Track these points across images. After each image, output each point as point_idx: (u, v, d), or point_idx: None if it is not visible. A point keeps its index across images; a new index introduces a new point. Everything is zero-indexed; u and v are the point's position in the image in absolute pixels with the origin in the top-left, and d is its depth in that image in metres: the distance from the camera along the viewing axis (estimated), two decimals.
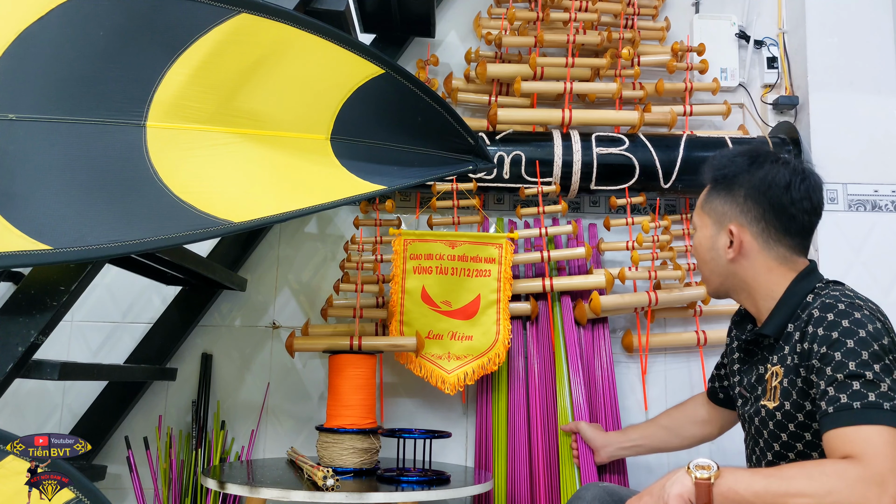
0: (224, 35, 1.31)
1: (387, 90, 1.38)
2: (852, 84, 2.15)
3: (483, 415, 1.97)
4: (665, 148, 2.05)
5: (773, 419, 1.19)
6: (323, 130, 1.40)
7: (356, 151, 1.41)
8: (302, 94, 1.37)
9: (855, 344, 1.07)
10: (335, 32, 1.34)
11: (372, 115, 1.40)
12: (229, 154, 1.34)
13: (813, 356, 1.11)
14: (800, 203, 1.25)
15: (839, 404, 1.03)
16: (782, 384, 1.17)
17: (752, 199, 1.27)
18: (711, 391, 1.59)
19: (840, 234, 2.06)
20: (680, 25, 2.31)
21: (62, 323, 1.79)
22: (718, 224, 1.31)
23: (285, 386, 2.09)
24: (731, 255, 1.29)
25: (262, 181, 1.34)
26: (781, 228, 1.26)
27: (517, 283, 1.98)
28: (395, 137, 1.42)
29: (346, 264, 1.98)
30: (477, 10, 2.29)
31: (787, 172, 1.26)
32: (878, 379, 1.02)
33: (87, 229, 1.22)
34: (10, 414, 2.06)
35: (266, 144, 1.36)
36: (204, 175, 1.31)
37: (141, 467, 1.97)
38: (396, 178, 1.40)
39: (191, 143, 1.32)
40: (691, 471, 1.01)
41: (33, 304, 1.35)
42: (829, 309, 1.13)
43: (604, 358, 2.00)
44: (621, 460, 1.87)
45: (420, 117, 1.41)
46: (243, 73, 1.34)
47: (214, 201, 1.28)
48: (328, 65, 1.36)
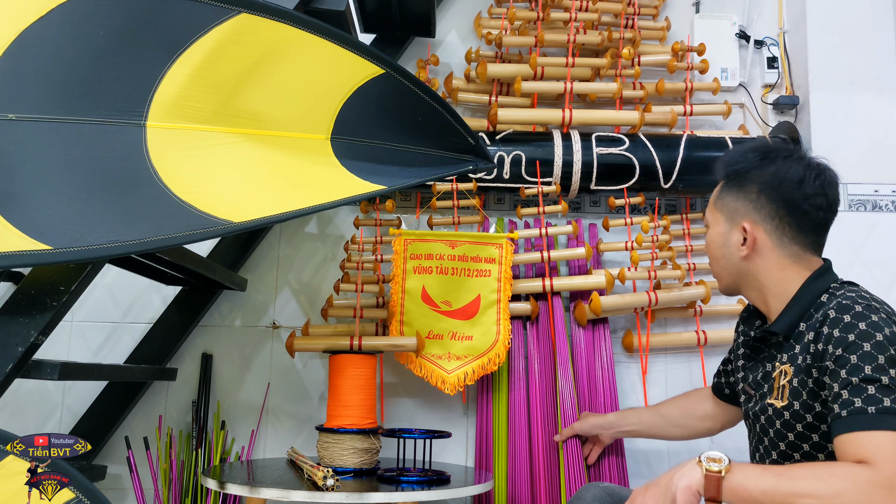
0: (224, 35, 1.31)
1: (387, 90, 1.38)
2: (853, 84, 2.14)
3: (483, 415, 1.97)
4: (665, 148, 2.05)
5: (781, 418, 1.18)
6: (323, 130, 1.40)
7: (356, 151, 1.40)
8: (302, 94, 1.37)
9: (871, 348, 1.05)
10: (335, 32, 1.34)
11: (372, 115, 1.40)
12: (229, 154, 1.33)
13: (827, 358, 1.10)
14: (813, 199, 1.23)
15: (853, 408, 1.01)
16: (791, 384, 1.15)
17: (766, 195, 1.25)
18: (717, 386, 1.58)
19: (840, 233, 2.06)
20: (680, 25, 2.31)
21: (62, 323, 1.79)
22: (731, 221, 1.29)
23: (285, 386, 2.09)
24: (744, 253, 1.26)
25: (262, 181, 1.33)
26: (795, 225, 1.24)
27: (517, 283, 1.98)
28: (395, 137, 1.42)
29: (347, 264, 1.98)
30: (477, 10, 2.29)
31: (801, 168, 1.24)
32: (893, 384, 1.01)
33: (88, 229, 1.21)
34: (10, 414, 2.06)
35: (266, 144, 1.36)
36: (204, 175, 1.30)
37: (141, 467, 1.97)
38: (396, 178, 1.40)
39: (191, 142, 1.32)
40: (702, 463, 1.00)
41: (33, 304, 1.34)
42: (845, 310, 1.12)
43: (604, 358, 1.99)
44: (622, 462, 1.87)
45: (420, 117, 1.41)
46: (243, 73, 1.34)
47: (214, 201, 1.27)
48: (328, 65, 1.35)
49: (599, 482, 1.61)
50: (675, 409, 1.66)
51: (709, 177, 1.34)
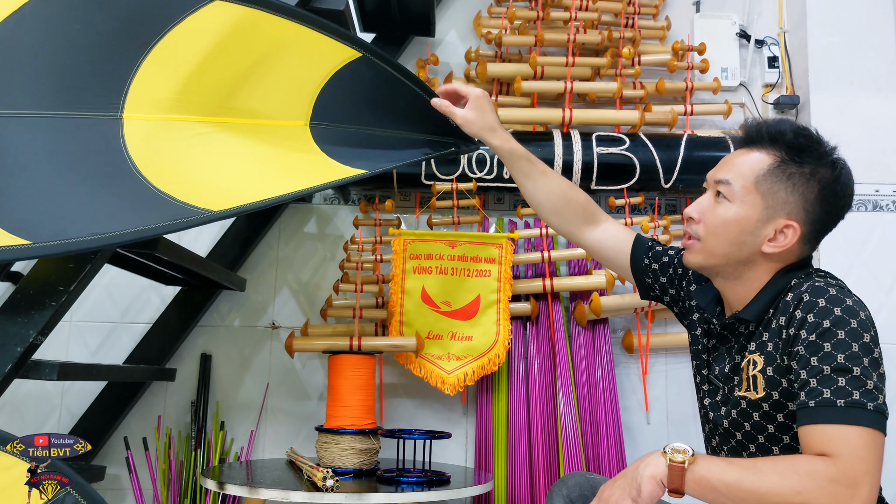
0: (197, 24, 1.30)
1: (365, 74, 1.35)
2: (853, 84, 2.14)
3: (483, 415, 1.96)
4: (666, 147, 2.05)
5: (759, 410, 1.11)
6: (301, 117, 1.38)
7: (336, 136, 1.38)
8: (278, 80, 1.35)
9: (846, 335, 1.01)
10: (310, 17, 1.32)
11: (351, 100, 1.38)
12: (207, 143, 1.32)
13: (798, 342, 1.04)
14: (846, 210, 1.15)
15: (821, 399, 0.98)
16: (766, 373, 1.09)
17: (823, 200, 1.12)
18: (645, 247, 1.37)
19: (841, 234, 2.03)
20: (681, 25, 2.31)
21: (61, 323, 1.77)
22: (771, 211, 1.12)
23: (285, 386, 2.09)
24: (769, 250, 1.13)
25: (241, 170, 1.32)
26: (822, 234, 1.15)
27: (517, 283, 1.98)
28: (375, 121, 1.40)
29: (346, 264, 1.98)
30: (477, 10, 2.29)
31: (850, 177, 1.14)
32: (865, 375, 0.98)
33: (68, 223, 1.21)
34: (9, 414, 2.05)
35: (244, 133, 1.35)
36: (182, 165, 1.30)
37: (140, 468, 1.97)
38: (378, 162, 1.37)
39: (168, 133, 1.31)
40: (667, 453, 0.99)
41: (32, 305, 1.34)
42: (820, 293, 1.06)
43: (604, 358, 1.99)
44: (622, 462, 1.87)
45: (401, 101, 1.38)
46: (219, 62, 1.32)
47: (193, 191, 1.27)
48: (305, 50, 1.33)
49: (586, 472, 1.58)
50: (569, 189, 1.41)
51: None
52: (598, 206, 1.43)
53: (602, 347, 2.00)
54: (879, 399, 0.97)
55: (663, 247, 1.37)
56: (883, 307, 1.99)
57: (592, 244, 1.40)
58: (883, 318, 1.95)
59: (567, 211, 1.40)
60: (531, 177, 1.40)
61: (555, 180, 1.40)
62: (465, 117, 1.36)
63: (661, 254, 1.36)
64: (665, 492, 0.98)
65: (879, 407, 0.96)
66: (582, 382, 1.95)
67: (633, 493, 0.99)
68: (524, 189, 1.41)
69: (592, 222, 1.40)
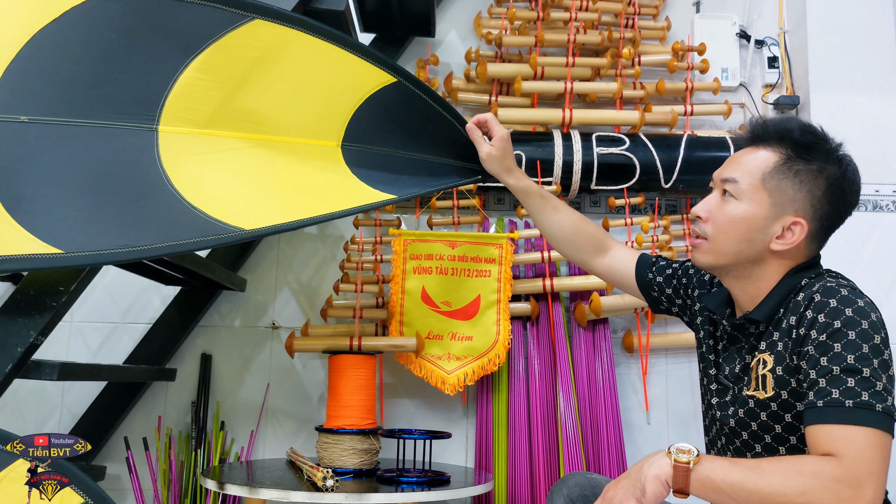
0: (237, 40, 1.31)
1: (399, 98, 1.39)
2: (853, 84, 2.14)
3: (483, 415, 1.96)
4: (666, 148, 2.05)
5: (766, 410, 1.11)
6: (334, 137, 1.40)
7: (366, 159, 1.41)
8: (314, 100, 1.37)
9: (856, 336, 1.01)
10: (348, 40, 1.34)
11: (383, 123, 1.40)
12: (240, 159, 1.33)
13: (808, 342, 1.05)
14: (852, 208, 1.16)
15: (830, 399, 0.98)
16: (775, 372, 1.10)
17: (830, 196, 1.12)
18: (648, 263, 1.41)
19: (841, 233, 2.02)
20: (681, 25, 2.31)
21: (61, 323, 1.78)
22: (779, 208, 1.12)
23: (285, 386, 2.09)
24: (777, 248, 1.13)
25: (273, 188, 1.32)
26: (830, 231, 1.16)
27: (517, 283, 1.98)
28: (405, 145, 1.43)
29: (346, 264, 1.98)
30: (477, 10, 2.29)
31: (857, 173, 1.14)
32: (874, 376, 0.98)
33: (99, 233, 1.19)
34: (10, 414, 2.05)
35: (277, 150, 1.36)
36: (215, 181, 1.29)
37: (140, 468, 1.97)
38: (406, 188, 1.40)
39: (202, 147, 1.31)
40: (671, 454, 0.99)
41: (32, 305, 1.34)
42: (831, 294, 1.06)
43: (604, 358, 1.99)
44: (622, 462, 1.87)
45: (431, 126, 1.42)
46: (256, 79, 1.33)
47: (225, 208, 1.26)
48: (341, 72, 1.36)
49: (586, 472, 1.58)
50: (581, 223, 1.47)
51: (710, 177, 1.24)
52: (608, 234, 1.50)
53: (602, 347, 2.00)
54: (888, 400, 0.97)
55: (667, 261, 1.41)
56: (883, 307, 1.93)
57: (602, 270, 1.47)
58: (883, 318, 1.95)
59: (578, 241, 1.46)
60: (543, 212, 1.47)
61: (566, 214, 1.47)
62: (490, 154, 1.43)
63: (665, 267, 1.40)
64: (669, 492, 0.98)
65: (888, 408, 0.97)
66: (582, 382, 1.95)
67: (638, 493, 0.99)
68: (537, 223, 1.50)
69: (602, 250, 1.47)
